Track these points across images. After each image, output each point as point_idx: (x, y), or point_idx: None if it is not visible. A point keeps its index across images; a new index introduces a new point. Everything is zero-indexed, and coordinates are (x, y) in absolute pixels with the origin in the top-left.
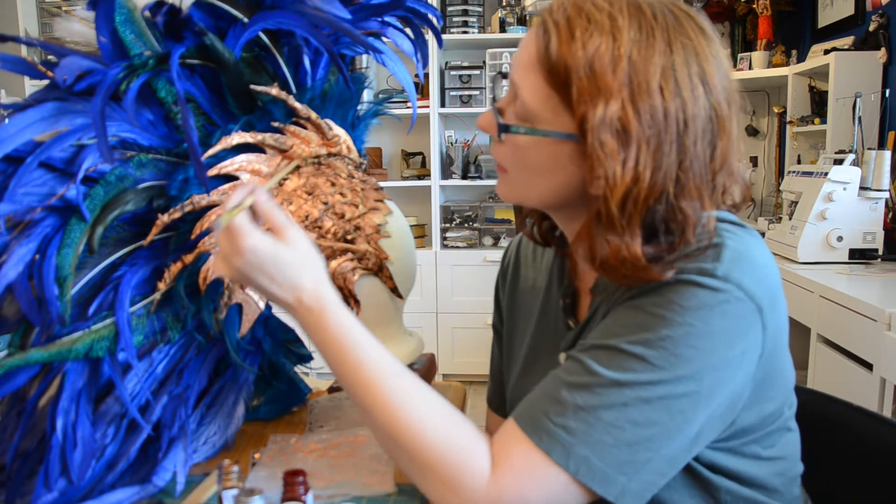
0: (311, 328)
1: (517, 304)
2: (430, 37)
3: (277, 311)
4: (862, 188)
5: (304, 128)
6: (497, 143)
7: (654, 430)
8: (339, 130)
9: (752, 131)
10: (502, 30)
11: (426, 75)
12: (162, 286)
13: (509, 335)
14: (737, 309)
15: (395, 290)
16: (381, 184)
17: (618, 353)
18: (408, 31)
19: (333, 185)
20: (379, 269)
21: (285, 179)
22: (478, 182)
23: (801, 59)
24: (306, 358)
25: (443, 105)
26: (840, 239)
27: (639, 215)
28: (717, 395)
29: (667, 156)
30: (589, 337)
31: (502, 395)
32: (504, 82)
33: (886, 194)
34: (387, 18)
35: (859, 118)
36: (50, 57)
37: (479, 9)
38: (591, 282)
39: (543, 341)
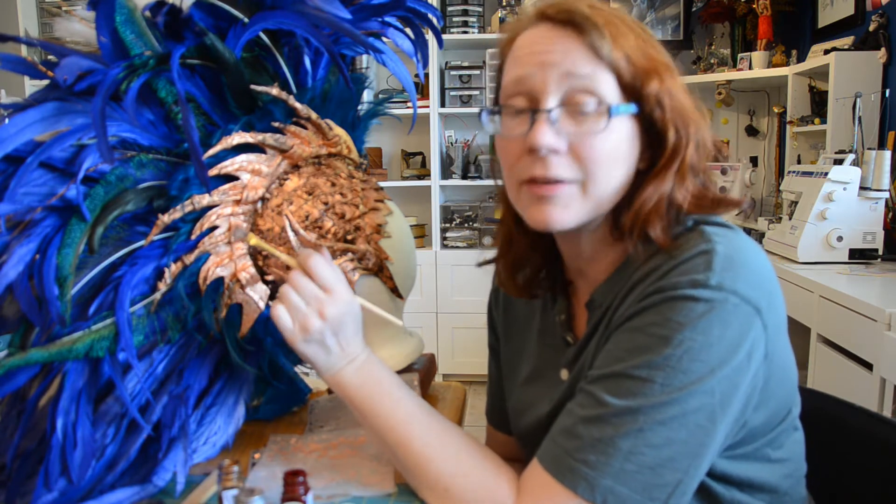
0: (361, 373)
1: (512, 322)
2: (430, 37)
3: None
4: (862, 188)
5: (305, 128)
6: (560, 158)
7: (675, 449)
8: (339, 130)
9: (752, 131)
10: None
11: (426, 75)
12: (162, 286)
13: (507, 353)
14: (735, 315)
15: (395, 291)
16: (381, 184)
17: (625, 379)
18: (408, 31)
19: (334, 185)
20: (379, 270)
21: (285, 179)
22: (478, 182)
23: (801, 59)
24: None
25: (443, 105)
26: (840, 239)
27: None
28: (732, 403)
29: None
30: (595, 365)
31: (502, 411)
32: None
33: (886, 194)
34: (387, 18)
35: (859, 118)
36: (50, 57)
37: (479, 9)
38: (586, 297)
39: (545, 357)
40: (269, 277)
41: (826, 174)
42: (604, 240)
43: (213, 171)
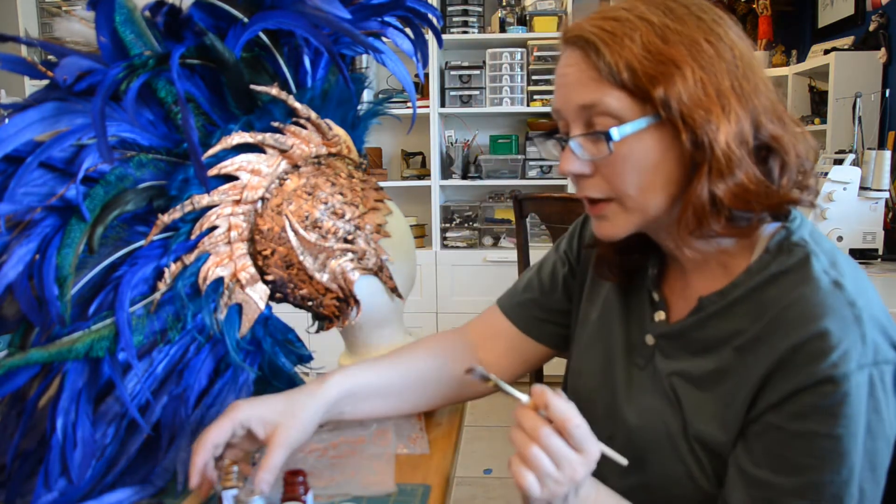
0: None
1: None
2: (430, 37)
3: (277, 311)
4: (862, 188)
5: (304, 128)
6: (589, 179)
7: None
8: (339, 130)
9: None
10: (502, 30)
11: (426, 75)
12: (162, 286)
13: (586, 300)
14: (890, 376)
15: (395, 290)
16: (381, 184)
17: (816, 488)
18: (408, 31)
19: (333, 185)
20: (379, 269)
21: (285, 179)
22: (478, 182)
23: (801, 59)
24: (306, 358)
25: (443, 105)
26: (840, 239)
27: (746, 149)
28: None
29: (748, 93)
30: (758, 460)
31: (523, 308)
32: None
33: (886, 194)
34: (387, 18)
35: (859, 118)
36: (50, 57)
37: (479, 9)
38: (682, 260)
39: (626, 310)
40: (269, 277)
41: (826, 174)
42: (680, 236)
43: (212, 171)
